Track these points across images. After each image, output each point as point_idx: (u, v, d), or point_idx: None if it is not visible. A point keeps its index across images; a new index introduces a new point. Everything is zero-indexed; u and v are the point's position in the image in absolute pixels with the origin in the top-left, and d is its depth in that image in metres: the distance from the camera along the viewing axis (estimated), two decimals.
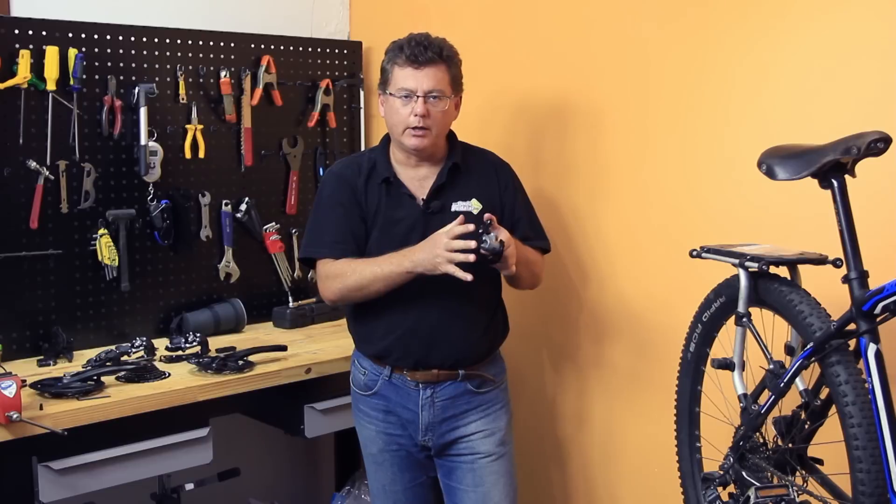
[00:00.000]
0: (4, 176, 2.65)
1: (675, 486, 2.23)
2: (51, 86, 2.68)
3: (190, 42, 3.01)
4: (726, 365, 2.00)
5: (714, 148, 2.46)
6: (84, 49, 2.75)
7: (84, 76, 2.74)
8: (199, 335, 2.77)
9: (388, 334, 2.36)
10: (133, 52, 2.88)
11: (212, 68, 3.05)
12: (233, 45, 3.11)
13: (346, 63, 3.41)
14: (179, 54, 2.98)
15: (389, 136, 2.42)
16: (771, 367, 1.90)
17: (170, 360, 2.69)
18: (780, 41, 2.30)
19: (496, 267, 2.21)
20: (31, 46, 2.65)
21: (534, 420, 2.97)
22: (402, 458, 2.44)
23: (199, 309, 3.02)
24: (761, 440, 1.97)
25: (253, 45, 3.15)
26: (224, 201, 3.11)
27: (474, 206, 2.34)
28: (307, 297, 3.28)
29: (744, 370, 2.00)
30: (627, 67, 2.65)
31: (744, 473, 1.94)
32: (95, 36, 2.80)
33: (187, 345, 2.73)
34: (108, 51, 2.83)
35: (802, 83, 2.26)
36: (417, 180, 2.38)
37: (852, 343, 1.71)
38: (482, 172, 2.43)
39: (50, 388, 2.33)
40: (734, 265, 1.97)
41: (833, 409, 1.74)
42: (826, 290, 1.84)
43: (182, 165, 3.01)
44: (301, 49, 3.28)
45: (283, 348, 2.76)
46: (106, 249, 2.79)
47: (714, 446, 2.14)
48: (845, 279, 1.72)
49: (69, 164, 2.75)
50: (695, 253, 2.10)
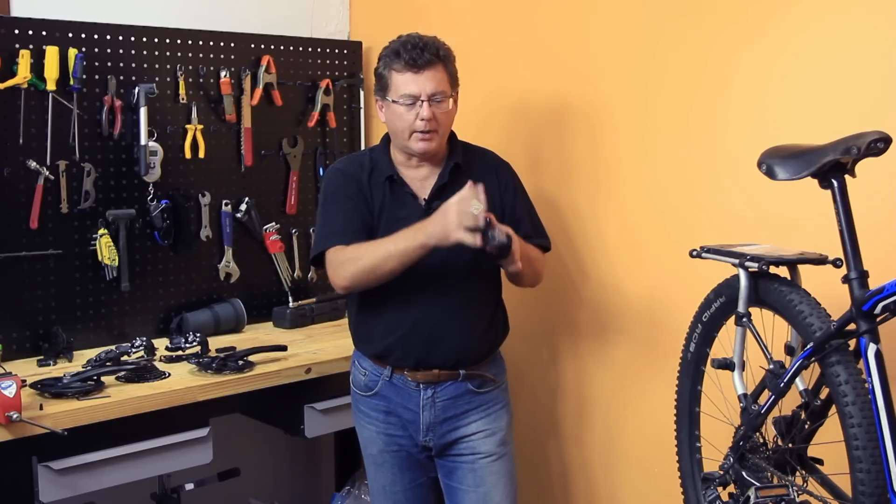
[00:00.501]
0: (4, 176, 2.65)
1: (676, 485, 2.23)
2: (51, 86, 2.68)
3: (190, 42, 3.01)
4: (726, 365, 2.00)
5: (714, 148, 2.46)
6: (84, 49, 2.75)
7: (84, 76, 2.74)
8: (199, 335, 2.77)
9: (388, 334, 2.36)
10: (133, 52, 2.88)
11: (212, 68, 3.05)
12: (233, 45, 3.11)
13: (346, 63, 3.41)
14: (179, 54, 2.98)
15: (389, 137, 2.42)
16: (771, 367, 1.90)
17: (170, 360, 2.69)
18: (780, 41, 2.30)
19: (501, 263, 2.20)
20: (31, 46, 2.65)
21: (534, 420, 2.97)
22: (402, 459, 2.44)
23: (199, 309, 3.03)
24: (761, 440, 1.97)
25: (253, 45, 3.16)
26: (224, 201, 3.11)
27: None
28: (307, 297, 3.28)
29: (744, 370, 2.00)
30: (627, 67, 2.65)
31: (744, 473, 1.94)
32: (95, 36, 2.80)
33: (187, 345, 2.73)
34: (108, 51, 2.83)
35: (802, 83, 2.26)
36: (419, 180, 2.38)
37: (852, 343, 1.71)
38: (483, 172, 2.42)
39: (50, 388, 2.33)
40: (734, 265, 1.97)
41: (833, 409, 1.74)
42: (826, 290, 1.84)
43: (182, 165, 3.01)
44: (301, 49, 3.28)
45: (283, 348, 2.76)
46: (106, 249, 2.79)
47: (714, 446, 2.14)
48: (845, 279, 1.72)
49: (69, 164, 2.75)
50: (695, 253, 2.10)
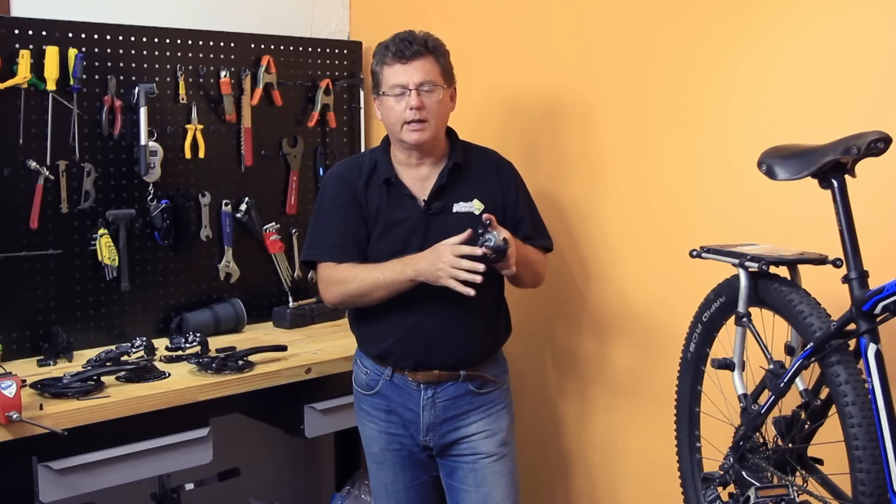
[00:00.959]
0: (4, 176, 2.65)
1: (676, 485, 2.23)
2: (51, 86, 2.68)
3: (190, 42, 3.01)
4: (726, 365, 2.00)
5: (714, 148, 2.46)
6: (84, 49, 2.75)
7: (84, 76, 2.74)
8: (199, 335, 2.77)
9: (389, 335, 2.36)
10: (133, 52, 2.88)
11: (212, 68, 3.05)
12: (233, 45, 3.11)
13: (346, 63, 3.41)
14: (179, 54, 2.98)
15: (389, 138, 2.42)
16: (771, 367, 1.90)
17: (170, 360, 2.69)
18: (780, 40, 2.30)
19: (497, 266, 2.20)
20: (31, 46, 2.65)
21: (536, 420, 2.97)
22: (403, 458, 2.44)
23: (199, 309, 3.03)
24: (761, 440, 1.97)
25: (253, 45, 3.16)
26: (224, 201, 3.11)
27: (476, 206, 2.33)
28: (307, 297, 3.28)
29: (744, 370, 2.00)
30: (627, 67, 2.65)
31: (744, 473, 1.94)
32: (95, 36, 2.80)
33: (187, 345, 2.73)
34: (108, 51, 2.83)
35: (802, 83, 2.26)
36: (419, 181, 2.38)
37: (852, 343, 1.71)
38: (484, 172, 2.42)
39: (50, 388, 2.33)
40: (734, 265, 1.97)
41: (833, 409, 1.74)
42: (826, 290, 1.84)
43: (182, 165, 3.01)
44: (301, 49, 3.28)
45: (283, 348, 2.76)
46: (106, 249, 2.79)
47: (714, 446, 2.14)
48: (845, 279, 1.72)
49: (69, 164, 2.75)
50: (695, 253, 2.10)
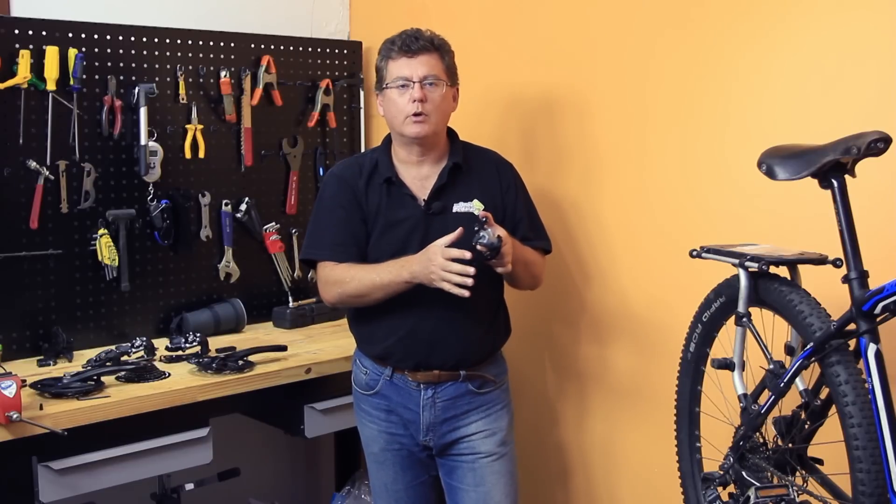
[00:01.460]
0: (4, 176, 2.65)
1: (676, 485, 2.23)
2: (51, 86, 2.68)
3: (190, 42, 3.01)
4: (726, 365, 2.00)
5: (714, 148, 2.46)
6: (84, 49, 2.75)
7: (84, 76, 2.74)
8: (199, 335, 2.77)
9: (389, 336, 2.36)
10: (133, 52, 2.88)
11: (212, 68, 3.05)
12: (233, 45, 3.11)
13: (346, 63, 3.41)
14: (179, 54, 2.98)
15: (391, 137, 2.42)
16: (771, 367, 1.90)
17: (170, 360, 2.69)
18: (781, 40, 2.30)
19: (492, 264, 2.20)
20: (31, 46, 2.65)
21: (536, 420, 2.97)
22: (403, 458, 2.44)
23: (199, 309, 3.03)
24: (761, 440, 1.97)
25: (253, 45, 3.15)
26: (224, 201, 3.11)
27: (476, 206, 2.33)
28: (307, 297, 3.28)
29: (744, 370, 2.00)
30: (627, 67, 2.65)
31: (744, 473, 1.94)
32: (95, 36, 2.80)
33: (187, 345, 2.73)
34: (108, 51, 2.83)
35: (802, 83, 2.26)
36: (419, 180, 2.38)
37: (852, 343, 1.71)
38: (484, 172, 2.42)
39: (50, 388, 2.33)
40: (734, 265, 1.97)
41: (833, 409, 1.74)
42: (826, 290, 1.84)
43: (182, 165, 3.01)
44: (301, 49, 3.28)
45: (283, 348, 2.76)
46: (106, 249, 2.79)
47: (714, 446, 2.14)
48: (845, 279, 1.72)
49: (69, 164, 2.75)
50: (695, 253, 2.10)
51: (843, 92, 2.18)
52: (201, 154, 3.02)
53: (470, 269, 2.13)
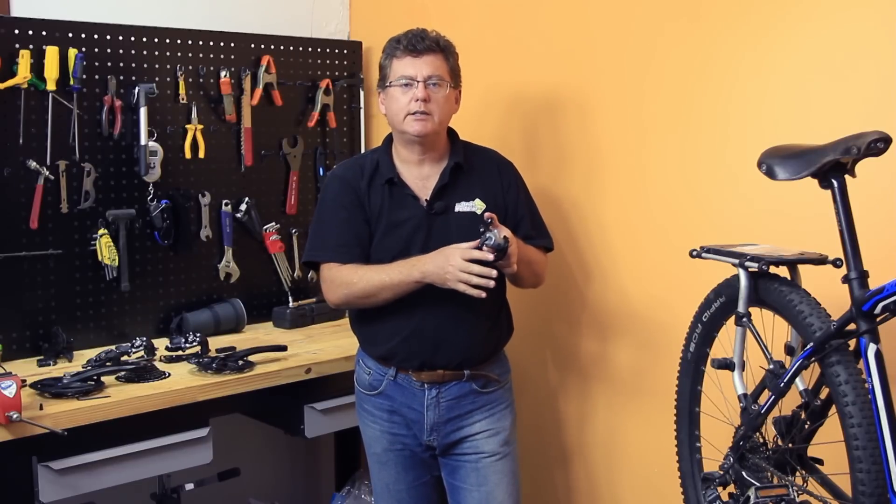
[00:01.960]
0: (4, 176, 2.65)
1: (676, 485, 2.23)
2: (51, 86, 2.68)
3: (190, 42, 3.01)
4: (726, 365, 2.00)
5: (714, 148, 2.46)
6: (84, 49, 2.75)
7: (84, 76, 2.74)
8: (199, 335, 2.77)
9: (392, 336, 2.36)
10: (133, 52, 2.88)
11: (212, 68, 3.05)
12: (233, 45, 3.11)
13: (346, 63, 3.41)
14: (179, 54, 2.98)
15: (392, 137, 2.42)
16: (771, 367, 1.90)
17: (170, 360, 2.69)
18: (781, 40, 2.30)
19: (499, 265, 2.20)
20: (31, 46, 2.65)
21: (537, 419, 2.97)
22: (405, 458, 2.44)
23: (199, 309, 3.03)
24: (761, 440, 1.97)
25: (253, 45, 3.16)
26: (224, 201, 3.11)
27: (478, 206, 2.34)
28: (307, 297, 3.28)
29: (744, 370, 2.00)
30: (627, 68, 2.65)
31: (744, 473, 1.94)
32: (95, 36, 2.80)
33: (187, 345, 2.73)
34: (108, 51, 2.83)
35: (802, 83, 2.26)
36: (420, 180, 2.38)
37: (852, 343, 1.71)
38: (485, 171, 2.42)
39: (50, 388, 2.33)
40: (734, 265, 1.97)
41: (833, 409, 1.74)
42: (826, 290, 1.84)
43: (182, 165, 3.01)
44: (301, 49, 3.28)
45: (283, 348, 2.76)
46: (106, 249, 2.79)
47: (714, 446, 2.14)
48: (845, 279, 1.72)
49: (69, 164, 2.75)
50: (695, 253, 2.10)
51: (843, 92, 2.18)
52: (201, 154, 3.02)
53: (493, 272, 2.14)
